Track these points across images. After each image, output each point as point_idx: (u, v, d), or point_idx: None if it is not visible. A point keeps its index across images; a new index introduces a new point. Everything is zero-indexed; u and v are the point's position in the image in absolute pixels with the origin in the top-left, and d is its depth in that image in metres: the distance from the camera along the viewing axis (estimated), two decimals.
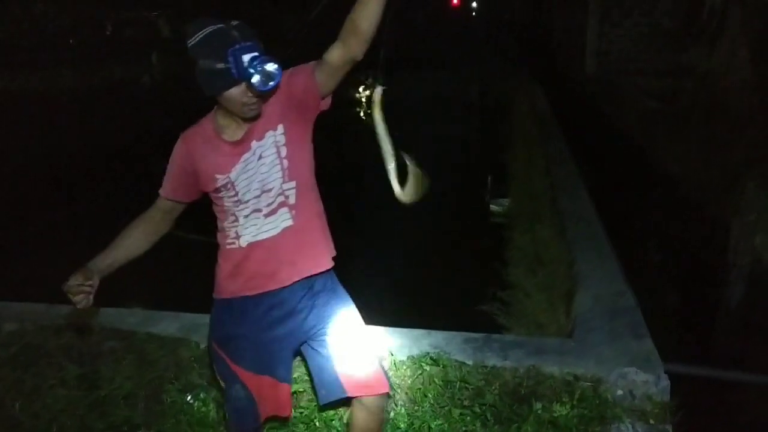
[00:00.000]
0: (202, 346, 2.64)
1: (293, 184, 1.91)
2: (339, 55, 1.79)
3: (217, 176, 1.89)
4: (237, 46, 1.69)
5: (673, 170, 5.82)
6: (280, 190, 1.90)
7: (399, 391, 2.40)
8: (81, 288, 1.79)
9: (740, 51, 5.83)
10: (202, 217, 2.08)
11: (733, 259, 3.57)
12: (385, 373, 2.01)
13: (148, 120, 9.85)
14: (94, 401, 2.56)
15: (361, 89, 14.15)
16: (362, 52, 1.78)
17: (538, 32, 20.98)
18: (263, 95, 1.79)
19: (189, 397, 2.55)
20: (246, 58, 1.69)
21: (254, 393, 1.97)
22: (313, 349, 2.01)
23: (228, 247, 1.95)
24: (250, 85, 1.70)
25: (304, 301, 1.98)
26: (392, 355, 2.47)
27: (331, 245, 2.05)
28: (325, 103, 1.91)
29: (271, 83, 1.72)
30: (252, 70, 1.69)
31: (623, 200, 5.39)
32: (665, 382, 2.28)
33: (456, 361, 2.40)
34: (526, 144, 7.00)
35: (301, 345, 2.03)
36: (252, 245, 1.93)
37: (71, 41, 18.58)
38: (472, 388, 2.33)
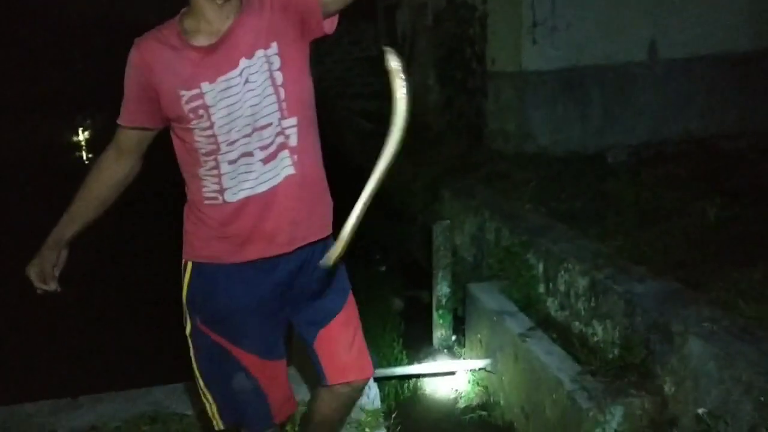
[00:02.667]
0: None
1: (294, 120, 1.53)
2: None
3: (182, 92, 1.48)
4: None
5: (389, 185, 6.36)
6: (279, 128, 1.51)
7: None
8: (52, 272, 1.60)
9: (430, 76, 6.59)
10: None
11: (437, 261, 3.99)
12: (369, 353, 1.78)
13: None
14: None
15: (80, 131, 13.14)
16: None
17: None
18: None
19: None
20: None
21: (263, 384, 1.63)
22: (298, 322, 1.72)
23: (206, 203, 1.55)
24: None
25: (305, 272, 1.63)
26: (106, 424, 2.33)
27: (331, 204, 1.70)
28: (329, 25, 1.53)
29: None
30: None
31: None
32: (375, 391, 2.48)
33: (176, 414, 2.35)
34: None
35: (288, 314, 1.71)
36: (246, 200, 1.52)
37: None
38: None
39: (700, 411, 2.01)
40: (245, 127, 1.49)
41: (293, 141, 1.54)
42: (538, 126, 5.19)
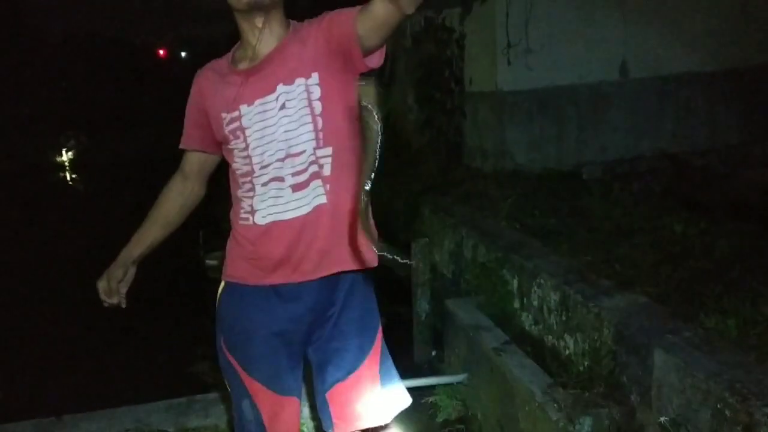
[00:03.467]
0: None
1: (329, 150, 1.55)
2: (382, 7, 1.40)
3: (224, 114, 1.57)
4: None
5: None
6: (313, 157, 1.54)
7: None
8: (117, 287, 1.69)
9: (409, 95, 6.71)
10: None
11: (416, 278, 4.08)
12: (389, 401, 1.74)
13: None
14: None
15: (64, 152, 13.12)
16: (412, 5, 1.36)
17: None
18: None
19: None
20: None
21: (265, 417, 1.62)
22: (316, 362, 1.69)
23: (240, 222, 1.61)
24: None
25: (332, 303, 1.63)
26: None
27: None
28: (374, 60, 1.54)
29: None
30: None
31: None
32: None
33: (159, 431, 2.40)
34: None
35: (307, 350, 1.70)
36: (273, 224, 1.55)
37: None
38: None
39: (662, 419, 2.10)
40: (279, 152, 1.53)
41: (327, 171, 1.55)
42: (514, 144, 5.31)
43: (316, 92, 1.53)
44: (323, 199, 1.55)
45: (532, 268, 3.15)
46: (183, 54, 34.90)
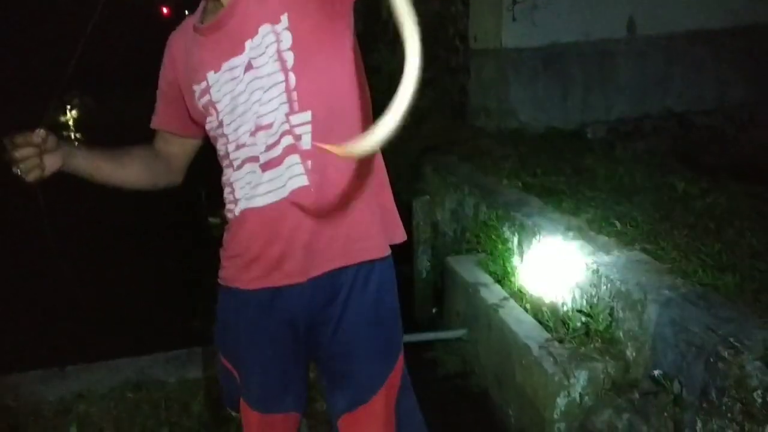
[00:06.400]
0: None
1: (307, 116, 1.20)
2: None
3: (194, 87, 1.27)
4: None
5: None
6: (286, 126, 1.20)
7: (106, 424, 2.37)
8: (32, 141, 1.20)
9: None
10: None
11: (417, 235, 4.08)
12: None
13: None
14: None
15: (67, 110, 13.08)
16: None
17: None
18: None
19: None
20: None
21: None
22: (324, 380, 1.41)
23: (227, 215, 1.33)
24: None
25: (329, 308, 1.30)
26: (92, 392, 2.43)
27: (390, 222, 1.36)
28: None
29: None
30: None
31: None
32: None
33: (159, 381, 2.44)
34: None
35: (312, 360, 1.42)
36: (245, 214, 1.26)
37: None
38: (178, 405, 2.39)
39: (655, 372, 2.12)
40: (249, 123, 1.22)
41: (306, 143, 1.20)
42: (519, 103, 5.26)
43: (287, 40, 1.18)
44: (303, 180, 1.22)
45: (531, 226, 3.14)
46: (186, 12, 34.35)
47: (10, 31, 15.87)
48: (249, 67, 1.20)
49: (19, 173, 1.22)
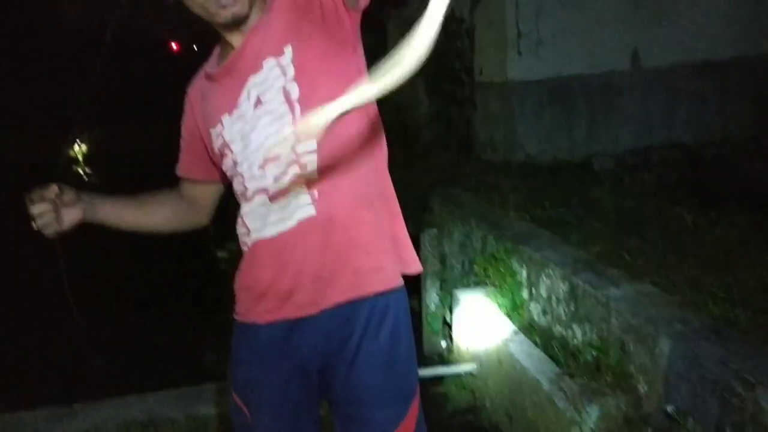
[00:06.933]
0: None
1: (312, 145, 1.20)
2: None
3: (212, 131, 1.29)
4: None
5: None
6: (292, 156, 1.20)
7: None
8: (47, 196, 1.24)
9: (419, 87, 6.69)
10: None
11: (426, 268, 4.08)
12: None
13: None
14: None
15: (77, 145, 13.22)
16: None
17: None
18: None
19: None
20: None
21: None
22: (335, 417, 1.38)
23: (242, 247, 1.34)
24: None
25: (342, 351, 1.28)
26: (100, 431, 2.42)
27: (403, 252, 1.34)
28: (356, 15, 1.21)
29: None
30: None
31: None
32: None
33: (168, 419, 2.43)
34: None
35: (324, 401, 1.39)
36: (256, 244, 1.28)
37: None
38: None
39: (669, 408, 2.09)
40: (256, 157, 1.24)
41: (312, 172, 1.21)
42: (525, 135, 5.29)
43: (291, 71, 1.19)
44: (310, 211, 1.22)
45: (540, 259, 3.14)
46: (195, 47, 34.95)
47: (23, 63, 16.15)
48: (258, 102, 1.22)
49: (37, 228, 1.27)
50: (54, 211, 1.27)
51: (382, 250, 1.30)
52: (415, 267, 1.38)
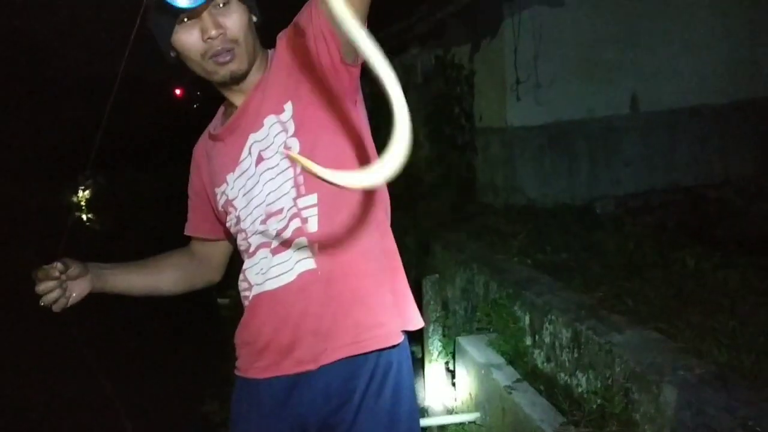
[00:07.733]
0: None
1: (313, 198, 1.20)
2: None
3: (216, 190, 1.31)
4: None
5: None
6: (294, 209, 1.21)
7: None
8: (51, 274, 1.23)
9: (420, 132, 6.77)
10: None
11: (428, 315, 4.05)
12: None
13: None
14: None
15: (80, 191, 13.31)
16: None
17: None
18: (222, 30, 1.16)
19: None
20: None
21: None
22: None
23: (243, 301, 1.33)
24: (170, 6, 1.10)
25: (341, 412, 1.25)
26: None
27: (404, 308, 1.30)
28: (355, 70, 1.18)
29: None
30: None
31: None
32: None
33: None
34: None
35: None
36: (257, 298, 1.27)
37: None
38: None
39: None
40: (259, 213, 1.24)
41: (313, 225, 1.21)
42: (526, 179, 5.32)
43: (292, 128, 1.20)
44: (310, 264, 1.22)
45: (543, 305, 3.12)
46: (198, 93, 35.46)
47: (27, 110, 16.38)
48: (260, 159, 1.23)
49: (44, 305, 1.27)
50: (60, 287, 1.27)
51: (382, 305, 1.27)
52: (416, 323, 1.34)
